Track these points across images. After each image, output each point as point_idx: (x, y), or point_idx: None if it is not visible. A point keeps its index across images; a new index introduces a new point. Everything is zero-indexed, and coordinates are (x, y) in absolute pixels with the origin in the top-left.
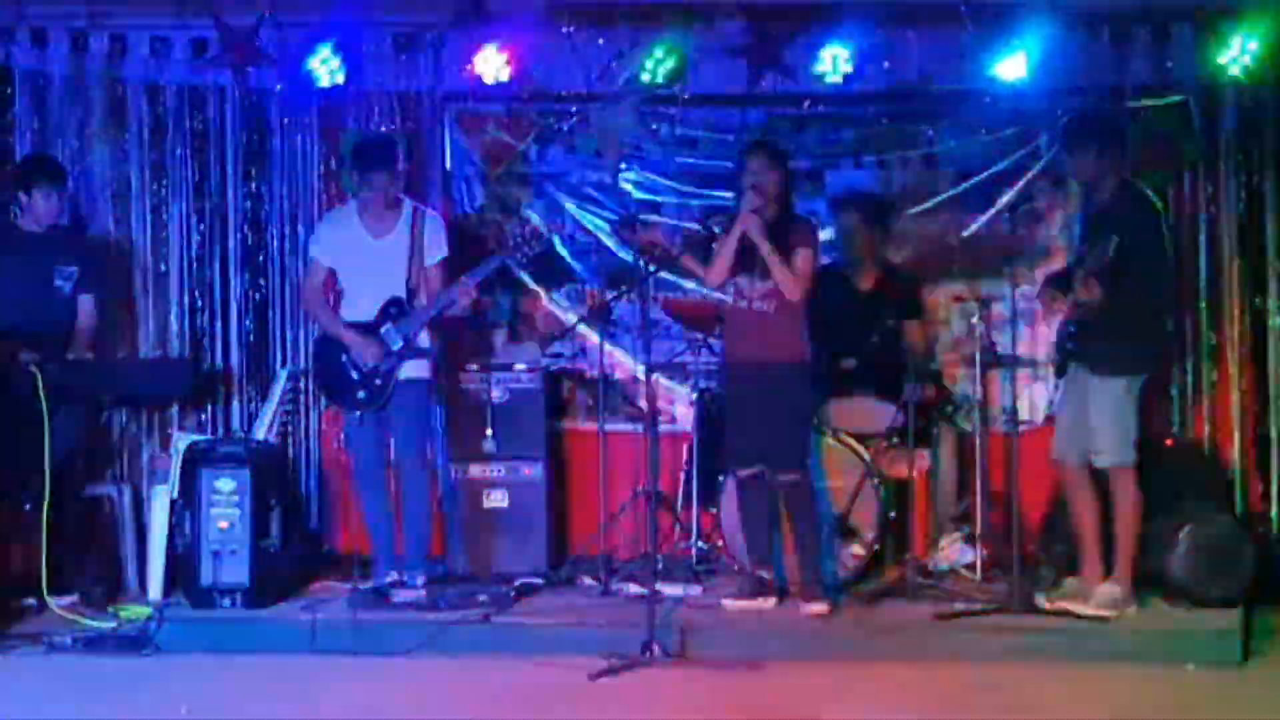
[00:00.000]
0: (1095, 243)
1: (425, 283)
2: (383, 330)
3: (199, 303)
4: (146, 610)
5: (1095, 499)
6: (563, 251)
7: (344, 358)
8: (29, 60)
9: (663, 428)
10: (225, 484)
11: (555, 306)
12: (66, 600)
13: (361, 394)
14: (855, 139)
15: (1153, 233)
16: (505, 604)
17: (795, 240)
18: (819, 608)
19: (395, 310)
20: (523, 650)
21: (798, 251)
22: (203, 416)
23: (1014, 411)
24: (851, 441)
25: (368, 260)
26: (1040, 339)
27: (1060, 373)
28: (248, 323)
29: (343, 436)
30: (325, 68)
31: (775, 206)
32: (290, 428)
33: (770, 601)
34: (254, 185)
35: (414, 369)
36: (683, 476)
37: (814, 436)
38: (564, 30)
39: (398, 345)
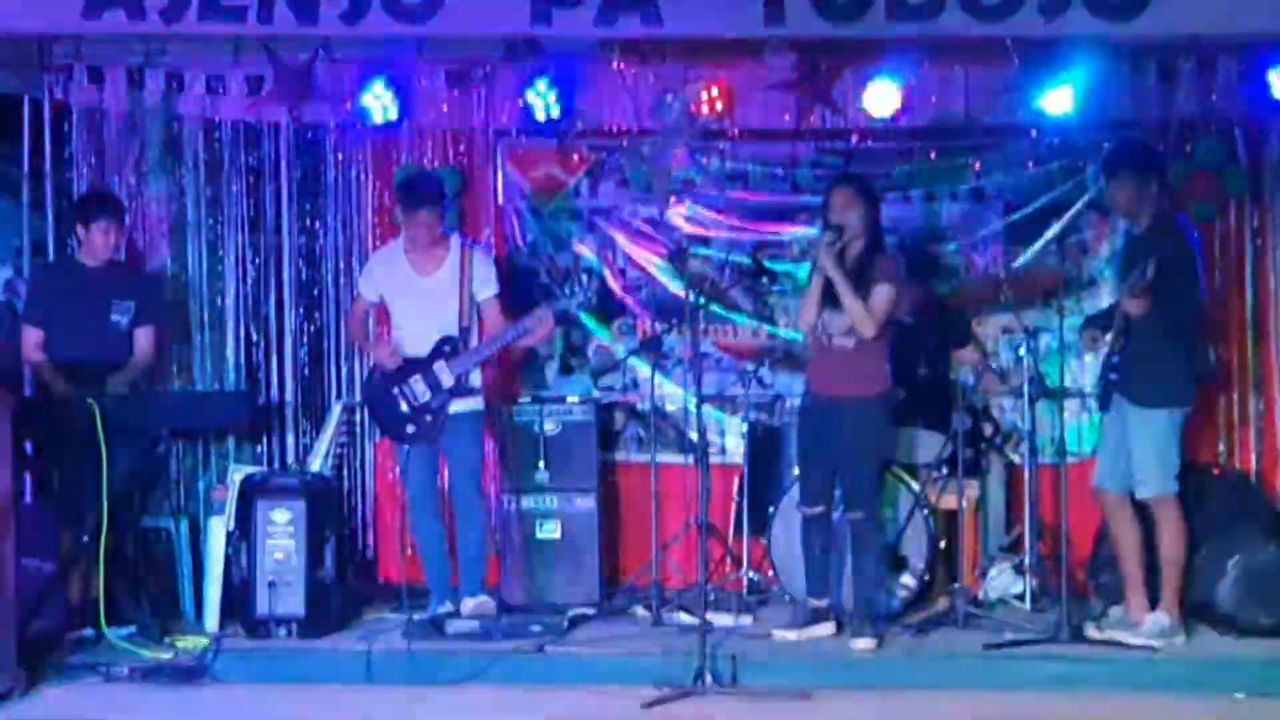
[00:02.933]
0: (1133, 269)
1: (479, 319)
2: (435, 367)
3: (254, 336)
4: (203, 641)
5: (1138, 529)
6: (613, 285)
7: (395, 390)
8: (86, 97)
9: (713, 459)
10: (281, 515)
11: (606, 339)
12: (124, 631)
13: (411, 428)
14: (903, 173)
15: (1187, 264)
16: (558, 634)
17: (875, 276)
18: (867, 644)
19: (448, 348)
20: (576, 680)
21: (876, 287)
22: (258, 449)
23: (1062, 442)
24: (901, 472)
25: (417, 298)
26: (1087, 370)
27: (1103, 406)
28: (302, 356)
29: (398, 468)
30: (378, 104)
31: (861, 242)
32: (345, 459)
33: (829, 628)
34: (308, 220)
35: (467, 402)
36: (733, 507)
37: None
38: (615, 66)
39: (449, 383)
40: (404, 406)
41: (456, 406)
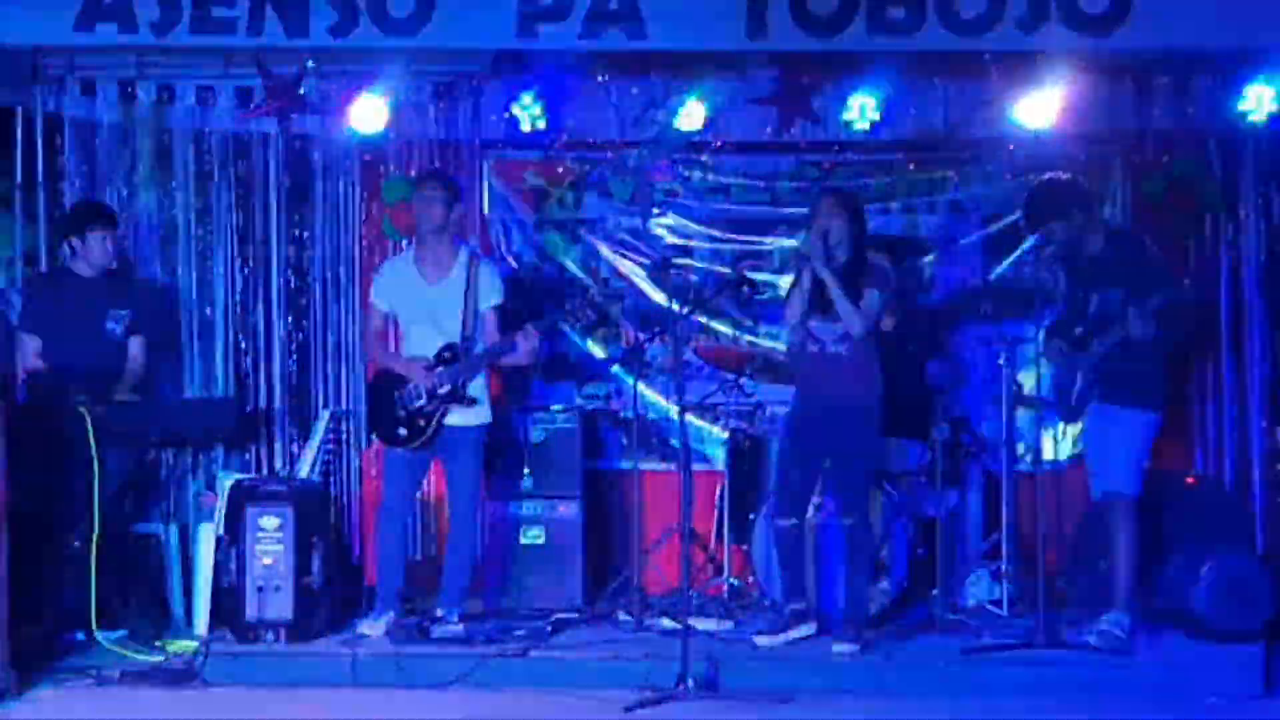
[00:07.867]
0: (1094, 291)
1: (481, 329)
2: (434, 373)
3: (243, 344)
4: (192, 644)
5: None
6: (598, 296)
7: (395, 394)
8: (78, 109)
9: (695, 467)
10: (269, 521)
11: (591, 349)
12: (114, 634)
13: (401, 431)
14: (883, 185)
15: (1161, 267)
16: (542, 638)
17: (866, 283)
18: (848, 647)
19: (449, 355)
20: (559, 683)
21: (868, 291)
22: (247, 456)
23: (1038, 450)
24: (881, 480)
25: (424, 305)
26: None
27: (1074, 418)
28: (290, 364)
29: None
30: (367, 116)
31: (845, 250)
32: (332, 466)
33: (808, 628)
34: (297, 230)
35: (470, 416)
36: (715, 514)
37: None
38: (599, 79)
39: (444, 390)
40: (399, 410)
41: (461, 419)
